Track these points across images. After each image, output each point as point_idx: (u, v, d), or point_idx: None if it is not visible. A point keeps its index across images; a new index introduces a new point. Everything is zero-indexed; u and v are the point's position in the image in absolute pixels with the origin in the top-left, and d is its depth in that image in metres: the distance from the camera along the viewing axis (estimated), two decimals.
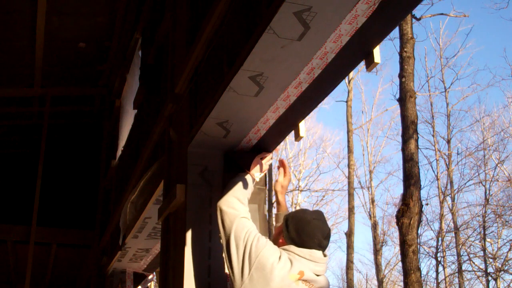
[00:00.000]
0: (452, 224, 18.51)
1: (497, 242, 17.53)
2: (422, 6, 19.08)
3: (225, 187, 2.43)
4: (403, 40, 8.75)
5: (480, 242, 17.39)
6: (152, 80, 4.08)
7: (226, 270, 2.32)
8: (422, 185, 9.22)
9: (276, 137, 2.64)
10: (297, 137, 2.64)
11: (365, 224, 34.30)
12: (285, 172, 2.68)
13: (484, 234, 17.33)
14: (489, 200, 18.22)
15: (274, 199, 2.78)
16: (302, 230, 2.15)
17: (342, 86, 21.95)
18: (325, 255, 2.18)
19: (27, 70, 6.27)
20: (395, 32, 10.52)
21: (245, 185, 2.42)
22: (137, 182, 3.95)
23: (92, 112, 7.51)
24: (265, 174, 2.74)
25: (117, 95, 6.14)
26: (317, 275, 2.12)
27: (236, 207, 2.28)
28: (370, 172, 22.58)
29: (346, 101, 20.00)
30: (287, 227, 2.19)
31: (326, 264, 2.17)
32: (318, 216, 2.20)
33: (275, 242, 2.26)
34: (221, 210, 2.29)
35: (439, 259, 17.82)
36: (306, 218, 2.17)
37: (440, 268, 18.02)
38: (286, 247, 2.15)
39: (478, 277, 17.49)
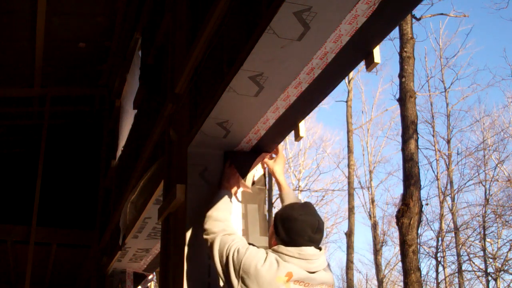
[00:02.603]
0: (452, 224, 18.53)
1: (497, 242, 17.56)
2: (422, 6, 19.10)
3: (206, 208, 2.40)
4: (403, 40, 8.76)
5: (480, 242, 17.40)
6: (152, 80, 4.08)
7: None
8: (422, 185, 9.24)
9: (276, 137, 2.64)
10: (297, 137, 2.64)
11: (365, 224, 34.31)
12: (277, 155, 2.65)
13: (484, 234, 17.34)
14: (489, 200, 18.23)
15: (274, 198, 2.74)
16: (290, 229, 2.07)
17: (342, 86, 21.99)
18: (320, 248, 2.09)
19: (27, 70, 6.27)
20: (395, 32, 10.53)
21: (225, 201, 2.38)
22: (137, 182, 3.95)
23: (92, 112, 7.51)
24: (264, 174, 2.75)
25: (117, 95, 6.14)
26: (312, 272, 2.03)
27: (215, 229, 2.26)
28: (370, 172, 22.59)
29: (346, 101, 20.01)
30: (276, 227, 2.14)
31: (321, 259, 2.07)
32: (306, 210, 2.11)
33: (270, 243, 2.23)
34: (206, 240, 2.28)
35: (439, 259, 17.83)
36: (292, 216, 2.09)
37: (440, 268, 18.04)
38: (275, 247, 2.09)
39: (478, 277, 17.50)
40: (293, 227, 2.06)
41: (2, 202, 7.37)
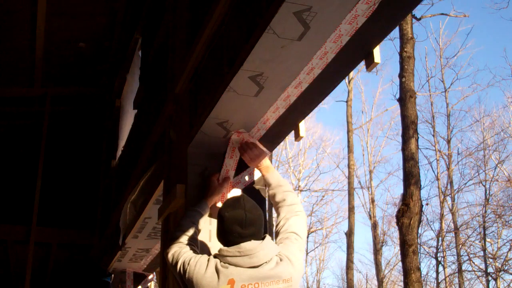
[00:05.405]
0: (452, 224, 18.53)
1: (497, 242, 17.55)
2: (422, 6, 19.11)
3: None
4: (403, 40, 8.76)
5: (480, 242, 17.40)
6: (152, 80, 4.09)
7: None
8: (422, 185, 9.23)
9: (276, 137, 2.64)
10: (297, 137, 2.64)
11: (365, 224, 34.31)
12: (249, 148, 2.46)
13: (484, 234, 17.35)
14: (489, 200, 18.24)
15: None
16: (221, 229, 2.04)
17: (342, 86, 21.99)
18: (263, 238, 2.00)
19: (27, 70, 6.27)
20: (395, 32, 10.55)
21: (193, 219, 2.37)
22: (137, 182, 3.95)
23: (92, 112, 7.50)
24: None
25: (117, 95, 6.14)
26: (256, 266, 1.94)
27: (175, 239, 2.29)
28: (370, 172, 22.59)
29: (346, 101, 20.03)
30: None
31: (265, 250, 1.96)
32: (234, 206, 2.02)
33: None
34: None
35: (439, 259, 17.83)
36: (220, 215, 2.04)
37: (440, 268, 18.04)
38: (218, 251, 2.03)
39: (478, 277, 17.50)
40: (223, 227, 2.02)
41: (2, 202, 7.37)
